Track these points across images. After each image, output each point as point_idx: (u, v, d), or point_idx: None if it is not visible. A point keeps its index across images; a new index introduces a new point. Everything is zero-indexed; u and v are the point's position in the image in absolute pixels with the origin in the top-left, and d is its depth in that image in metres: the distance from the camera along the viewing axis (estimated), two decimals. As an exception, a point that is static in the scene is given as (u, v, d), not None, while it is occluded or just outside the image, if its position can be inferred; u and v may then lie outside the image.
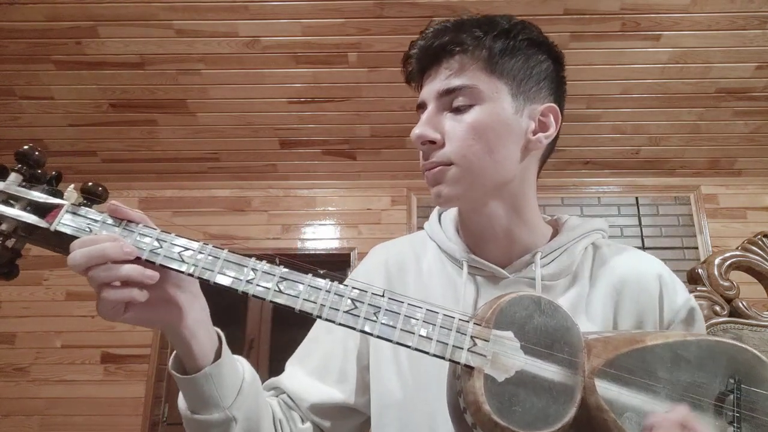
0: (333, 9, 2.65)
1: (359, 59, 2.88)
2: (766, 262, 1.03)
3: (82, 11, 2.65)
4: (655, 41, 2.78)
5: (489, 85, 0.68)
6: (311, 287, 0.56)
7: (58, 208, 0.58)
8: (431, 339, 0.54)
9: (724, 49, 2.81)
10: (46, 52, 2.83)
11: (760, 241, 1.05)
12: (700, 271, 1.04)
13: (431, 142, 0.69)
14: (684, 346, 0.56)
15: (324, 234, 3.49)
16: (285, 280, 0.56)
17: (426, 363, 0.70)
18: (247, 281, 0.56)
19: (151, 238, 0.58)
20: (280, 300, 0.56)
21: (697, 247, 3.39)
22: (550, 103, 0.71)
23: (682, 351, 0.55)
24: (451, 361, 0.54)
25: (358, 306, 0.55)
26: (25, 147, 0.58)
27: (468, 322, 0.55)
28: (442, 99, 0.69)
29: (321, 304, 0.55)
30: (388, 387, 0.74)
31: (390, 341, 0.54)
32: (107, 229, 0.58)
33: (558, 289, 0.72)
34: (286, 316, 0.58)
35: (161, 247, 0.57)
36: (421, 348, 0.54)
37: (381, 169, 3.49)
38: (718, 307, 0.99)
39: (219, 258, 0.57)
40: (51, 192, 0.59)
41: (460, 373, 0.54)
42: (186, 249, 0.57)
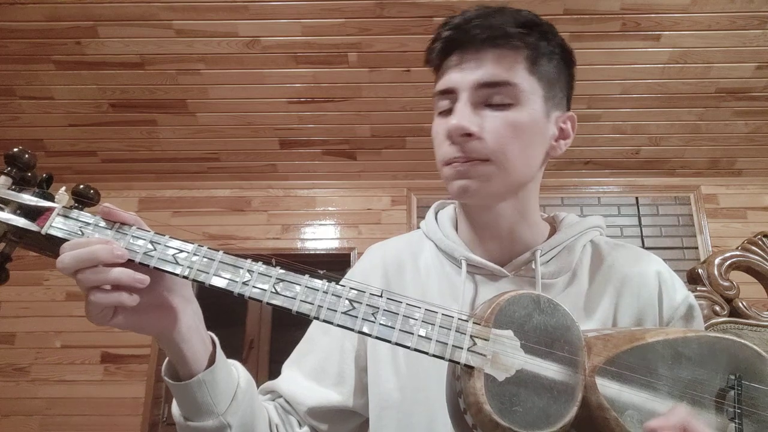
0: (333, 9, 2.65)
1: (359, 59, 2.88)
2: (766, 262, 1.03)
3: (82, 11, 2.65)
4: (655, 41, 2.78)
5: (529, 85, 0.67)
6: (308, 288, 0.55)
7: (49, 211, 0.57)
8: (430, 339, 0.53)
9: (724, 49, 2.81)
10: (46, 52, 2.83)
11: (760, 241, 1.05)
12: (700, 271, 1.03)
13: (468, 134, 0.65)
14: (684, 343, 0.55)
15: (324, 234, 3.49)
16: (281, 281, 0.55)
17: (424, 364, 0.69)
18: (243, 283, 0.55)
19: (145, 240, 0.56)
20: (277, 301, 0.54)
21: (697, 247, 3.38)
22: (570, 112, 0.73)
23: (682, 348, 0.55)
24: (451, 361, 0.53)
25: (356, 307, 0.55)
26: (15, 149, 0.57)
27: (467, 322, 0.55)
28: (479, 91, 0.66)
29: (318, 306, 0.54)
30: (386, 388, 0.73)
31: (389, 342, 0.54)
32: (100, 232, 0.57)
33: (557, 287, 0.72)
34: (286, 317, 0.57)
35: (155, 249, 0.56)
36: (420, 348, 0.53)
37: (381, 169, 3.48)
38: (718, 307, 0.99)
39: (214, 260, 0.56)
40: (42, 195, 0.58)
41: (460, 373, 0.54)
42: (180, 251, 0.56)
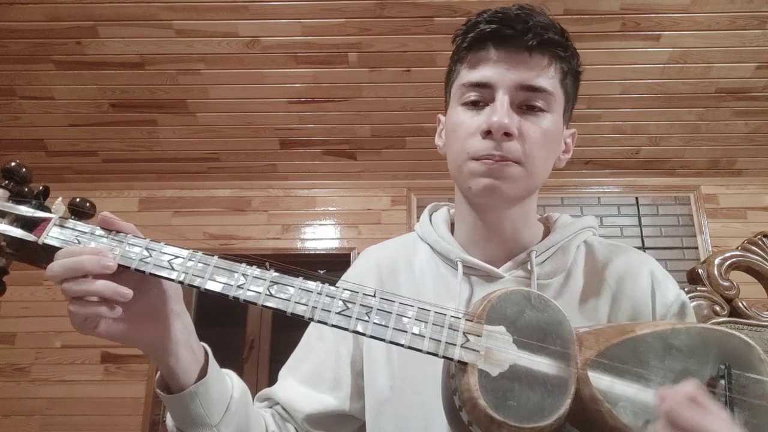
0: (333, 9, 2.65)
1: (359, 59, 2.88)
2: (766, 262, 1.03)
3: (82, 11, 2.65)
4: (655, 41, 2.78)
5: (559, 97, 0.70)
6: (302, 290, 0.56)
7: (46, 221, 0.58)
8: (424, 336, 0.54)
9: (724, 49, 2.81)
10: (47, 52, 2.83)
11: (760, 241, 1.05)
12: (700, 271, 1.04)
13: (507, 134, 0.66)
14: (674, 335, 0.56)
15: (324, 234, 3.49)
16: (276, 284, 0.56)
17: (420, 366, 0.70)
18: (238, 286, 0.56)
19: (141, 247, 0.58)
20: (271, 304, 0.55)
21: (697, 247, 3.38)
22: (573, 129, 0.78)
23: (672, 339, 0.56)
24: (445, 357, 0.54)
25: (350, 307, 0.55)
26: (12, 163, 0.58)
27: (460, 319, 0.55)
28: (519, 92, 0.67)
29: (312, 307, 0.55)
30: (382, 392, 0.73)
31: (382, 340, 0.54)
32: (96, 241, 0.58)
33: (553, 287, 0.73)
34: (287, 318, 0.58)
35: (150, 256, 0.57)
36: (413, 346, 0.54)
37: (381, 169, 3.48)
38: (718, 307, 0.99)
39: (209, 265, 0.57)
40: (39, 207, 0.59)
41: (455, 371, 0.54)
42: (176, 257, 0.57)
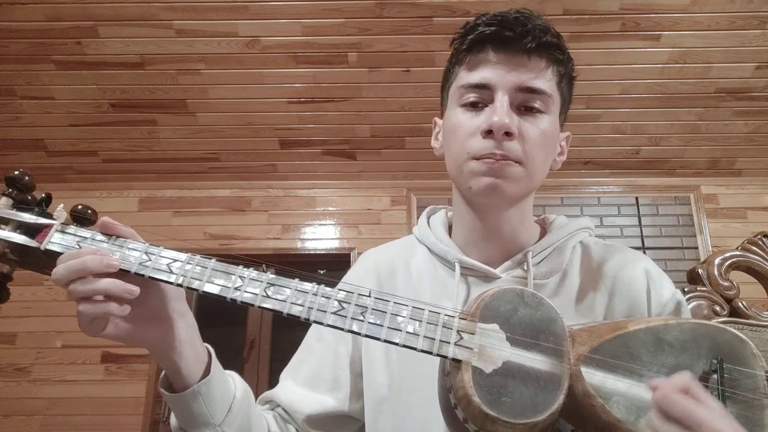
0: (333, 9, 2.65)
1: (359, 59, 2.88)
2: (766, 262, 1.03)
3: (82, 11, 2.65)
4: (654, 41, 2.78)
5: (556, 99, 0.72)
6: (298, 291, 0.57)
7: (48, 227, 0.59)
8: (418, 335, 0.55)
9: (724, 49, 2.81)
10: (47, 52, 2.83)
11: (760, 241, 1.05)
12: (700, 271, 1.04)
13: (508, 133, 0.67)
14: (666, 330, 0.57)
15: (324, 234, 3.49)
16: (272, 285, 0.57)
17: (418, 366, 0.70)
18: (235, 288, 0.57)
19: (140, 251, 0.59)
20: (268, 305, 0.56)
21: (697, 247, 3.38)
22: (567, 132, 0.79)
23: (664, 335, 0.56)
24: (439, 355, 0.54)
25: (345, 307, 0.56)
26: (15, 172, 0.60)
27: (454, 317, 0.56)
28: (518, 94, 0.69)
29: (308, 307, 0.56)
30: (380, 392, 0.74)
31: (378, 339, 0.55)
32: (96, 245, 0.59)
33: (549, 287, 0.73)
34: (287, 318, 0.59)
35: (149, 260, 0.58)
36: (408, 344, 0.54)
37: (381, 169, 3.48)
38: (718, 307, 0.99)
39: (207, 267, 0.58)
40: (41, 214, 0.60)
41: (449, 369, 0.55)
42: (174, 261, 0.59)
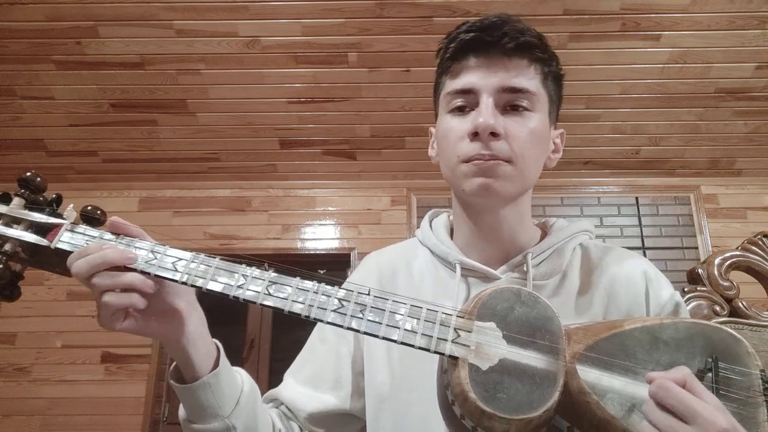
0: (333, 9, 2.65)
1: (359, 59, 2.88)
2: (766, 262, 1.03)
3: (82, 11, 2.65)
4: (655, 41, 2.78)
5: (542, 97, 0.73)
6: (299, 289, 0.59)
7: (58, 227, 0.62)
8: (416, 332, 0.56)
9: (724, 49, 2.81)
10: (47, 52, 2.83)
11: (760, 241, 1.05)
12: (700, 271, 1.04)
13: (494, 134, 0.68)
14: (661, 329, 0.57)
15: (324, 234, 3.49)
16: (274, 283, 0.59)
17: (419, 364, 0.71)
18: (238, 286, 0.59)
19: (146, 250, 0.61)
20: (270, 302, 0.58)
21: (697, 247, 3.39)
22: (561, 129, 0.80)
23: (659, 333, 0.57)
24: (436, 352, 0.55)
25: (345, 305, 0.58)
26: (28, 174, 0.63)
27: (451, 315, 0.57)
28: (502, 95, 0.70)
29: (309, 305, 0.57)
30: (381, 390, 0.75)
31: (376, 336, 0.56)
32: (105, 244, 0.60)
33: (549, 288, 0.74)
34: (287, 317, 0.59)
35: (155, 258, 0.60)
36: (406, 341, 0.55)
37: (381, 169, 3.49)
38: (718, 307, 0.99)
39: (210, 266, 0.60)
40: (52, 214, 0.63)
41: (447, 366, 0.56)
42: (179, 259, 0.60)
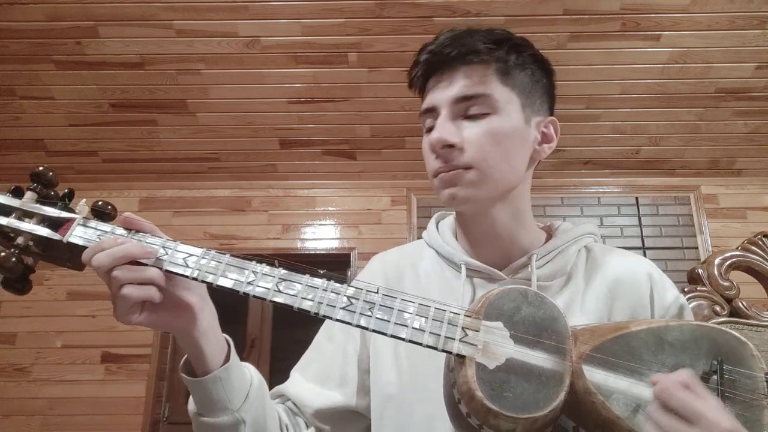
0: (333, 9, 2.65)
1: (359, 59, 2.88)
2: (766, 262, 1.03)
3: (82, 11, 2.65)
4: (655, 41, 2.78)
5: (503, 95, 0.71)
6: (309, 286, 0.59)
7: (71, 221, 0.62)
8: (424, 331, 0.56)
9: (724, 49, 2.81)
10: (47, 52, 2.83)
11: (760, 241, 1.05)
12: (700, 271, 1.04)
13: (449, 146, 0.70)
14: (667, 331, 0.58)
15: (324, 234, 3.49)
16: (284, 280, 0.59)
17: (426, 363, 0.71)
18: (248, 283, 0.59)
19: (158, 246, 0.61)
20: (280, 299, 0.58)
21: (697, 247, 3.39)
22: (551, 116, 0.77)
23: (665, 335, 0.57)
24: (444, 351, 0.56)
25: (354, 303, 0.58)
26: (40, 168, 0.63)
27: (459, 315, 0.58)
28: (457, 105, 0.71)
29: (318, 302, 0.58)
30: (387, 389, 0.75)
31: (384, 334, 0.56)
32: None
33: (553, 289, 0.74)
34: (287, 316, 0.59)
35: (167, 254, 0.61)
36: (414, 339, 0.56)
37: (381, 169, 3.49)
38: (718, 307, 0.99)
39: (221, 262, 0.60)
40: (64, 208, 0.63)
41: (453, 364, 0.56)
42: (190, 255, 0.61)
